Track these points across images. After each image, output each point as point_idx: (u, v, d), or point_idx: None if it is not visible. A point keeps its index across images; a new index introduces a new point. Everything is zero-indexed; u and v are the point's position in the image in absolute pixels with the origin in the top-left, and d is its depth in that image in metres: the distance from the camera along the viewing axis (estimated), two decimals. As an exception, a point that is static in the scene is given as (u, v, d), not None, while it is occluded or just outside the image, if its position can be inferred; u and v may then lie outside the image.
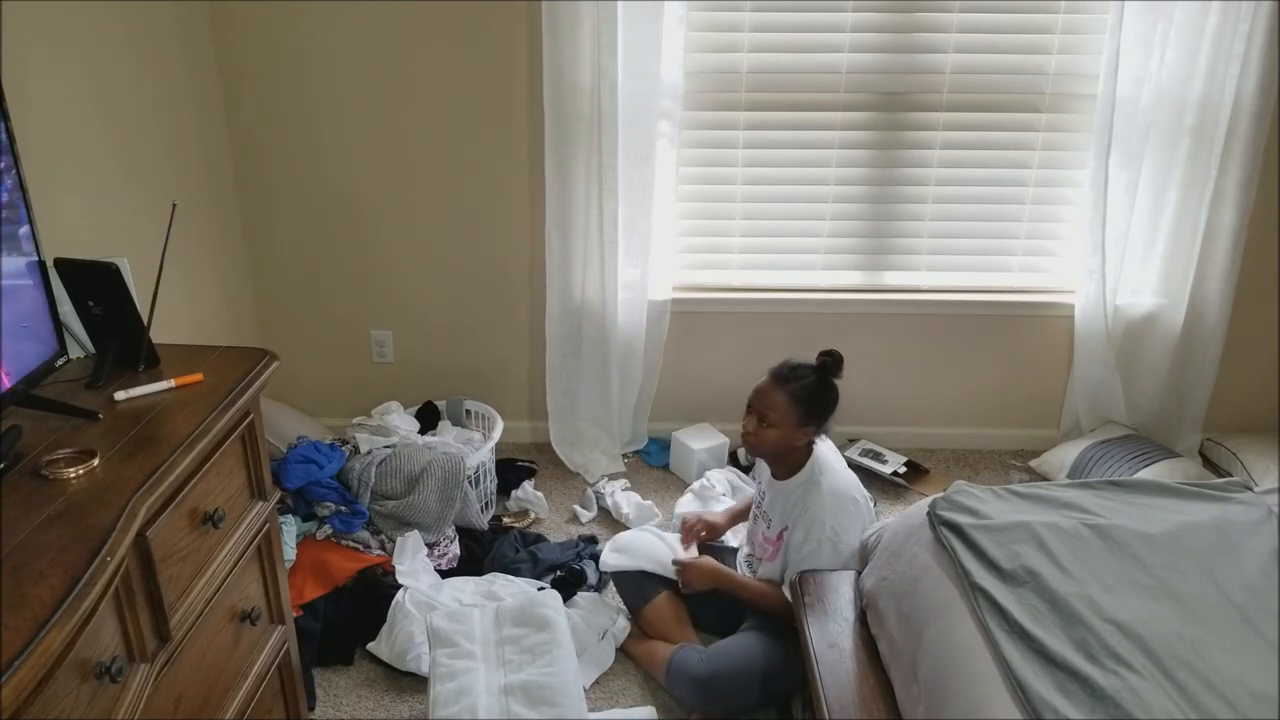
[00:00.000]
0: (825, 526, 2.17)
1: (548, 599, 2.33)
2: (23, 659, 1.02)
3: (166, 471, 1.38)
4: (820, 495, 2.19)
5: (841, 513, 2.19)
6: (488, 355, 3.35)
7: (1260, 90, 2.79)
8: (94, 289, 1.64)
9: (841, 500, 2.20)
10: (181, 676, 1.49)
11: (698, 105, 3.02)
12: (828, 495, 2.18)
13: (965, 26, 2.94)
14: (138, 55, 2.51)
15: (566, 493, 3.18)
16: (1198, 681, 1.51)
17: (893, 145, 3.09)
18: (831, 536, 2.16)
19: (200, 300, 2.90)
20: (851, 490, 2.24)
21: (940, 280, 3.28)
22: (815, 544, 2.17)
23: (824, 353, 2.24)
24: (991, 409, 3.43)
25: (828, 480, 2.21)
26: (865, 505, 2.27)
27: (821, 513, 2.17)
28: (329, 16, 2.88)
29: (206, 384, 1.63)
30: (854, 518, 2.21)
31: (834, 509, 2.18)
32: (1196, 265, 3.05)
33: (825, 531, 2.16)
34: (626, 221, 3.01)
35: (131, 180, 2.48)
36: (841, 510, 2.19)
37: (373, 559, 2.62)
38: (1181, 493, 2.03)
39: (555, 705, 2.03)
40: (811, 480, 2.22)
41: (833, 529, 2.17)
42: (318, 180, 3.10)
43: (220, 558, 1.60)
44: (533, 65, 2.92)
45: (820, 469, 2.23)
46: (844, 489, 2.22)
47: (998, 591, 1.71)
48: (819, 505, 2.18)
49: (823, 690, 1.84)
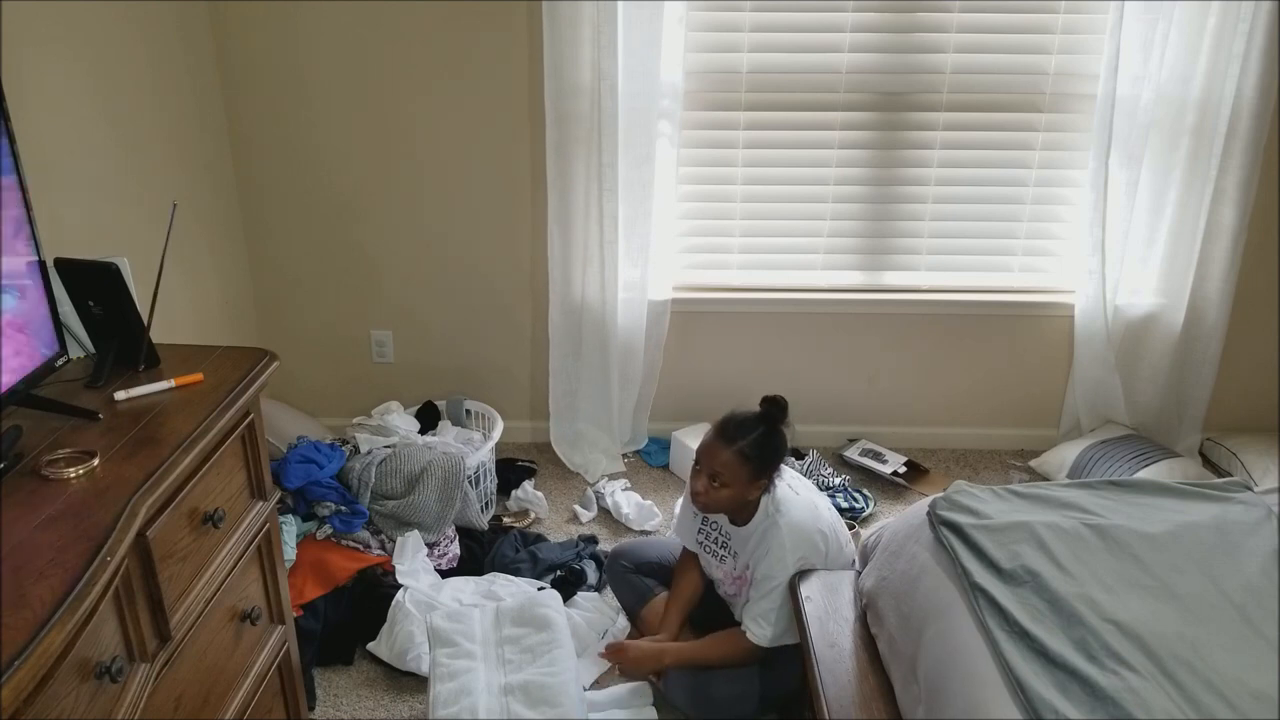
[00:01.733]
0: (787, 563, 2.15)
1: (548, 599, 2.33)
2: (23, 659, 1.02)
3: (166, 471, 1.38)
4: (780, 535, 2.16)
5: (803, 545, 2.17)
6: (488, 355, 3.35)
7: (1260, 90, 2.79)
8: (94, 289, 1.64)
9: (802, 533, 2.17)
10: (181, 676, 1.49)
11: (698, 105, 3.02)
12: (786, 533, 2.16)
13: (965, 26, 2.94)
14: (138, 55, 2.51)
15: (566, 493, 3.18)
16: (1198, 681, 1.51)
17: (893, 145, 3.09)
18: (798, 566, 2.16)
19: (200, 300, 2.90)
20: (810, 523, 2.20)
21: (940, 280, 3.28)
22: (777, 583, 2.15)
23: (767, 399, 2.18)
24: (991, 409, 3.43)
25: (785, 518, 2.18)
26: (831, 535, 2.23)
27: (783, 551, 2.15)
28: (329, 16, 2.88)
29: (206, 384, 1.63)
30: (815, 549, 2.19)
31: (794, 543, 2.16)
32: (1196, 265, 3.05)
33: (788, 569, 2.15)
34: (626, 221, 3.01)
35: (132, 180, 2.48)
36: (803, 543, 2.17)
37: (373, 559, 2.62)
38: (1181, 493, 2.03)
39: (555, 705, 2.03)
40: (770, 521, 2.19)
41: (793, 565, 2.15)
42: (318, 180, 3.10)
43: (220, 558, 1.60)
44: (533, 65, 2.92)
45: (777, 507, 2.19)
46: (801, 522, 2.18)
47: (998, 591, 1.71)
48: (779, 545, 2.16)
49: (823, 690, 1.84)
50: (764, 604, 2.17)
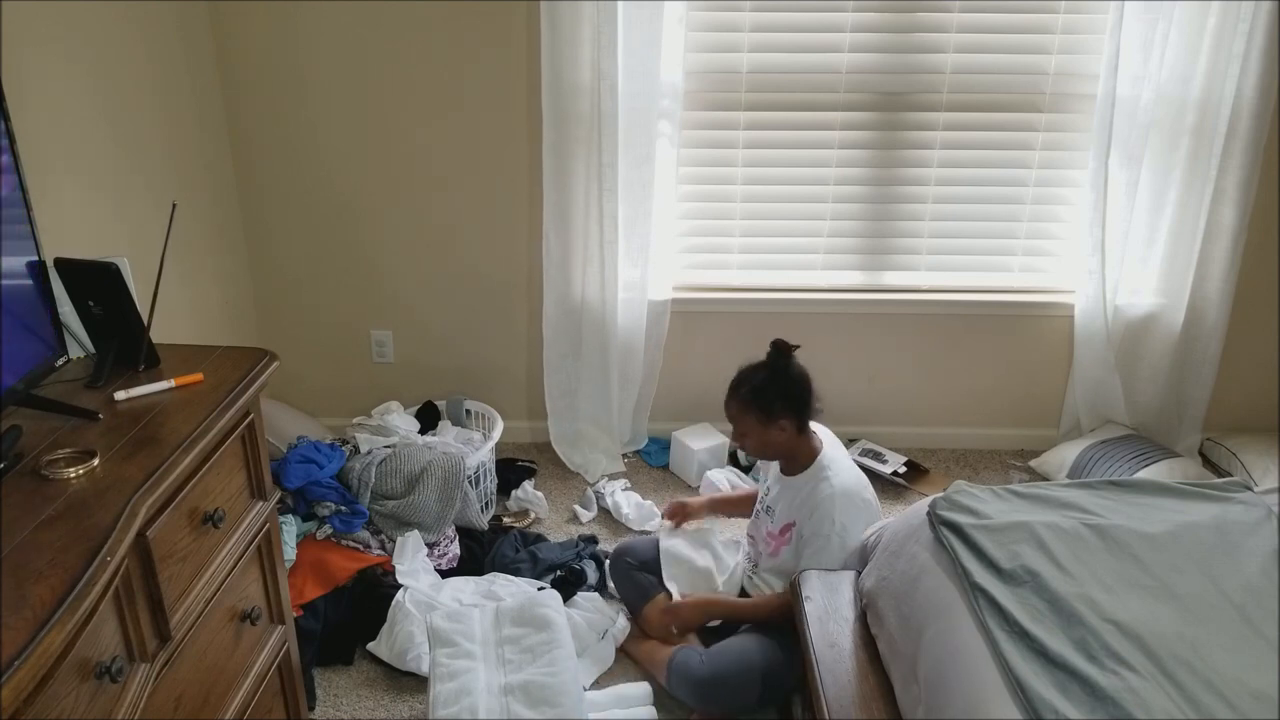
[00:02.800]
0: (834, 521, 2.18)
1: (548, 599, 2.33)
2: (23, 659, 1.02)
3: (166, 471, 1.39)
4: (830, 490, 2.21)
5: (850, 509, 2.21)
6: (488, 355, 3.35)
7: (1260, 90, 2.79)
8: (94, 289, 1.64)
9: (850, 497, 2.22)
10: (181, 676, 1.49)
11: (698, 105, 3.02)
12: (838, 491, 2.21)
13: (965, 26, 2.94)
14: (138, 55, 2.51)
15: (566, 493, 3.18)
16: (1198, 681, 1.51)
17: (893, 145, 3.09)
18: (840, 531, 2.18)
19: (200, 300, 2.90)
20: (860, 489, 2.26)
21: (940, 280, 3.28)
22: (824, 539, 2.18)
23: (774, 343, 2.27)
24: (991, 409, 3.43)
25: (836, 476, 2.23)
26: (874, 504, 2.29)
27: (830, 507, 2.19)
28: (329, 17, 2.88)
29: (206, 384, 1.63)
30: (861, 515, 2.23)
31: (843, 505, 2.20)
32: (1196, 265, 3.05)
33: (834, 526, 2.18)
34: (626, 221, 3.01)
35: (132, 180, 2.48)
36: (850, 506, 2.21)
37: (373, 559, 2.62)
38: (1181, 493, 2.03)
39: (555, 705, 2.03)
40: (820, 476, 2.24)
41: (841, 524, 2.18)
42: (318, 180, 3.10)
43: (220, 558, 1.60)
44: (532, 65, 2.91)
45: (827, 466, 2.26)
46: (852, 486, 2.24)
47: (998, 591, 1.71)
48: (828, 500, 2.20)
49: (823, 690, 1.84)
50: (817, 559, 2.18)
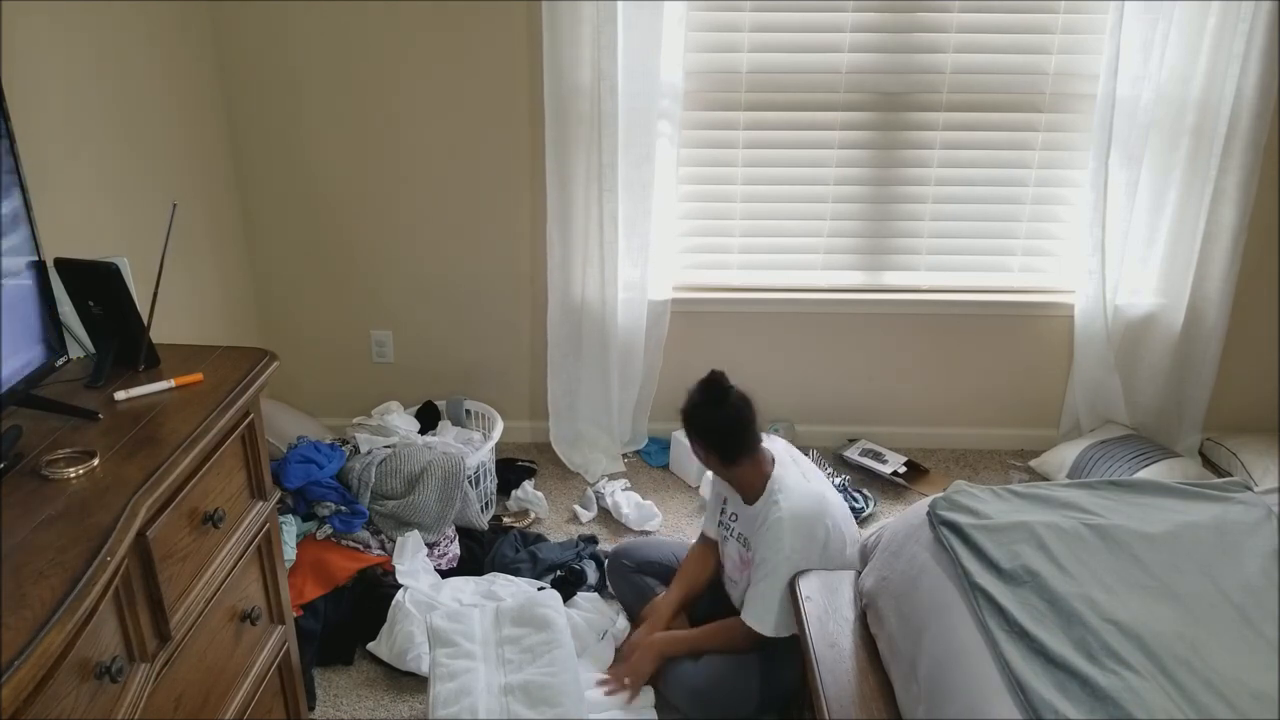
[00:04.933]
0: (783, 546, 2.14)
1: (548, 599, 2.33)
2: (23, 659, 1.02)
3: (166, 471, 1.38)
4: (778, 514, 2.15)
5: (801, 530, 2.15)
6: (488, 355, 3.35)
7: (1260, 90, 2.79)
8: (94, 289, 1.64)
9: (801, 519, 2.15)
10: (181, 676, 1.49)
11: (698, 105, 3.02)
12: (785, 515, 2.15)
13: (965, 26, 2.94)
14: (138, 55, 2.51)
15: (566, 493, 3.18)
16: (1197, 681, 1.51)
17: (892, 145, 3.09)
18: (790, 555, 2.13)
19: (200, 300, 2.90)
20: (811, 512, 2.17)
21: (940, 280, 3.28)
22: (773, 566, 2.14)
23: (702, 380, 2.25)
24: (991, 409, 3.43)
25: (786, 500, 2.17)
26: (834, 531, 2.20)
27: (780, 531, 2.14)
28: (329, 17, 2.88)
29: (206, 384, 1.63)
30: (813, 538, 2.16)
31: (792, 527, 2.14)
32: (1196, 265, 3.05)
33: (783, 552, 2.13)
34: (626, 221, 3.01)
35: (132, 180, 2.48)
36: (801, 528, 2.15)
37: (373, 559, 2.62)
38: (1181, 493, 2.03)
39: (555, 705, 2.03)
40: (770, 502, 2.19)
41: (790, 547, 2.13)
42: (318, 180, 3.10)
43: (220, 558, 1.60)
44: (533, 65, 2.92)
45: (778, 490, 2.19)
46: (802, 509, 2.16)
47: (998, 591, 1.71)
48: (777, 525, 2.15)
49: (823, 690, 1.84)
50: (761, 587, 2.15)
